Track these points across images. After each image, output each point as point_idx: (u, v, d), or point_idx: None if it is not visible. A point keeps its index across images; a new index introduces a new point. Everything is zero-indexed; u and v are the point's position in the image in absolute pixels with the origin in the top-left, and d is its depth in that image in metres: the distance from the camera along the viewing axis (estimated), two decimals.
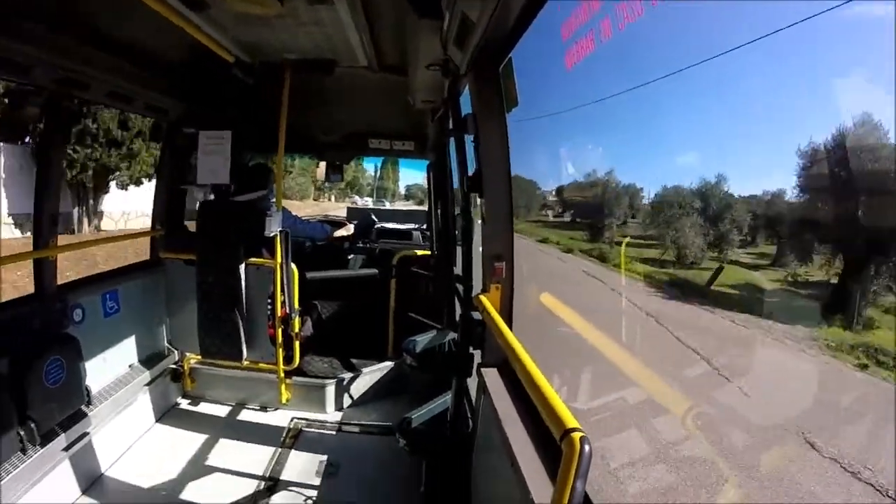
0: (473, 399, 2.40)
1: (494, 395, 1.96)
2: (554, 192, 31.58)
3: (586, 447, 0.99)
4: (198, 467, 3.07)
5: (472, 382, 2.42)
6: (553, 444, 1.61)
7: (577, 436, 1.02)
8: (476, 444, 2.28)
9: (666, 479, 4.91)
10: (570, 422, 1.09)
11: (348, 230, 4.52)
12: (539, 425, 1.73)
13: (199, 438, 3.35)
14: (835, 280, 13.18)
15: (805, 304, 13.23)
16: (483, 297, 2.04)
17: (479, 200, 2.13)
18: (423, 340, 2.85)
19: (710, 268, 18.14)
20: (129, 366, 3.39)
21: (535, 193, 30.64)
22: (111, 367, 3.22)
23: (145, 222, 17.30)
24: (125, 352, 3.37)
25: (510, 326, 2.03)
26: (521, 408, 1.86)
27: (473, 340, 2.20)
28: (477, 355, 2.29)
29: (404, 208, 24.24)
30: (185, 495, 2.81)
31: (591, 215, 25.20)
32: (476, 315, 2.17)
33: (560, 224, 29.50)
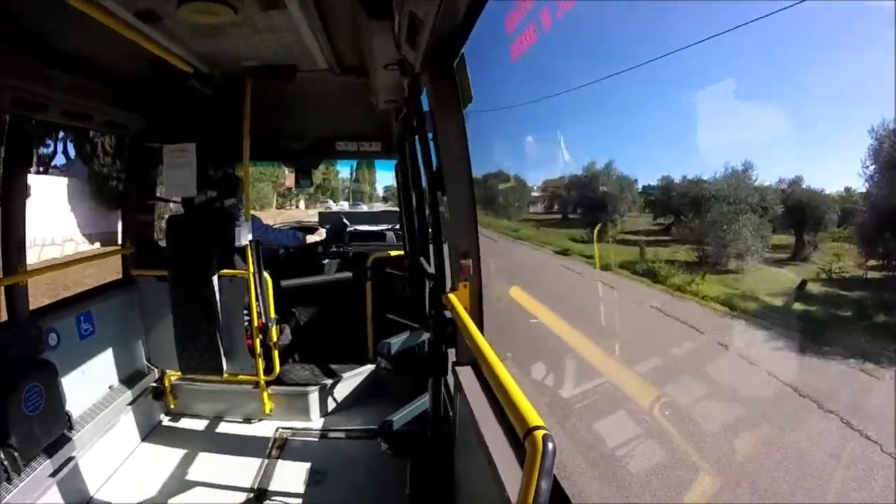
0: (451, 394, 2.40)
1: (469, 394, 1.96)
2: (538, 186, 28.35)
3: (549, 445, 0.98)
4: (186, 484, 3.03)
5: (450, 380, 2.42)
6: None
7: (539, 434, 1.01)
8: (456, 442, 2.28)
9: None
10: (534, 419, 1.08)
11: (321, 235, 4.50)
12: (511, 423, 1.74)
13: (185, 455, 3.31)
14: None
15: None
16: (452, 296, 2.04)
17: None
18: (397, 342, 2.84)
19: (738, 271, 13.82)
20: (110, 387, 3.34)
21: (525, 188, 27.70)
22: (91, 389, 3.17)
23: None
24: (104, 373, 3.32)
25: (480, 324, 2.03)
26: (494, 405, 1.87)
27: (446, 339, 2.20)
28: (452, 353, 2.29)
29: (379, 209, 22.98)
30: None
31: (591, 210, 21.53)
32: (447, 314, 2.17)
33: (553, 222, 24.61)
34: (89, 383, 3.16)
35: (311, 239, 4.38)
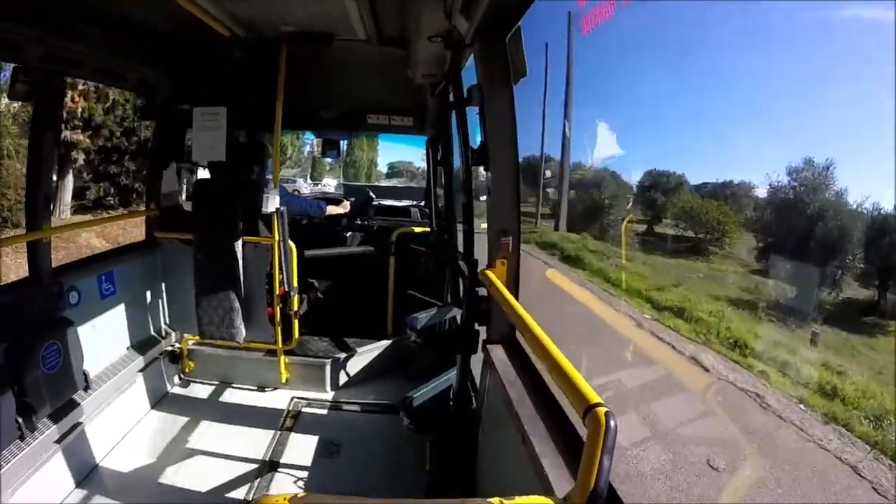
0: (478, 376, 2.39)
1: (502, 372, 1.96)
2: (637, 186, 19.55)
3: (612, 422, 0.98)
4: (197, 452, 3.03)
5: (475, 360, 2.41)
6: (566, 421, 1.61)
7: (601, 411, 1.00)
8: (482, 421, 2.28)
9: None
10: (593, 397, 1.07)
11: (345, 207, 4.47)
12: (550, 401, 1.72)
13: (197, 422, 3.31)
14: None
15: None
16: (489, 272, 2.02)
17: (485, 175, 2.09)
18: (425, 317, 2.83)
19: None
20: (127, 348, 3.35)
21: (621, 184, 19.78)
22: (108, 350, 3.17)
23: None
24: (122, 334, 3.33)
25: (517, 300, 2.01)
26: (529, 384, 1.86)
27: (479, 316, 2.19)
28: (483, 332, 2.27)
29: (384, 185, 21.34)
30: (184, 482, 2.78)
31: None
32: (481, 291, 2.15)
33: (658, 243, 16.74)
34: (108, 343, 3.16)
35: (334, 210, 4.35)
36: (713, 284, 12.98)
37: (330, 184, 35.25)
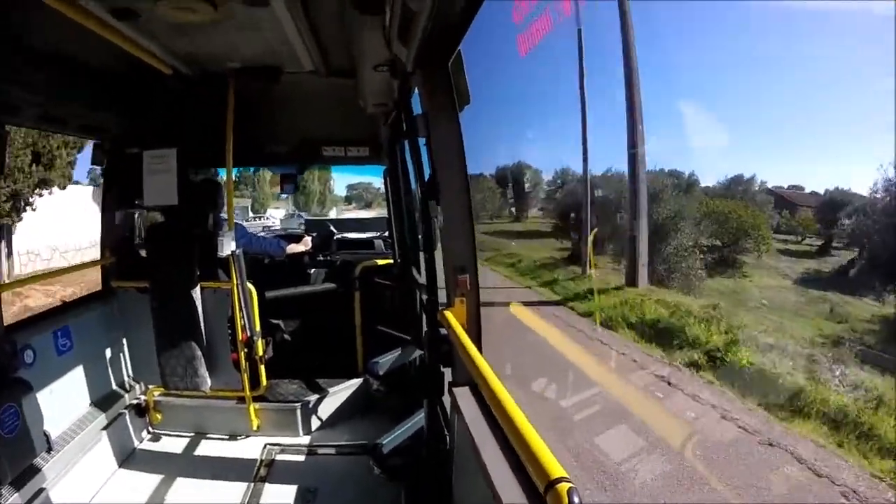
0: (448, 415, 2.28)
1: (468, 418, 1.84)
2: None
3: (575, 499, 0.88)
4: None
5: (447, 400, 2.29)
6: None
7: (563, 488, 0.92)
8: (454, 466, 2.16)
9: None
10: (555, 470, 0.99)
11: (306, 244, 4.34)
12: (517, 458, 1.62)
13: (168, 477, 3.16)
14: None
15: None
16: (448, 313, 1.91)
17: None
18: (387, 361, 2.72)
19: None
20: (89, 405, 3.20)
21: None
22: (71, 407, 3.03)
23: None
24: (84, 390, 3.18)
25: (479, 342, 1.90)
26: (496, 431, 1.74)
27: (441, 358, 2.07)
28: (448, 373, 2.16)
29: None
30: None
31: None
32: (443, 330, 2.04)
33: None
34: (69, 401, 3.02)
35: (294, 249, 4.20)
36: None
37: (274, 216, 31.00)
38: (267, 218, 29.33)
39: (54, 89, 2.64)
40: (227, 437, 3.58)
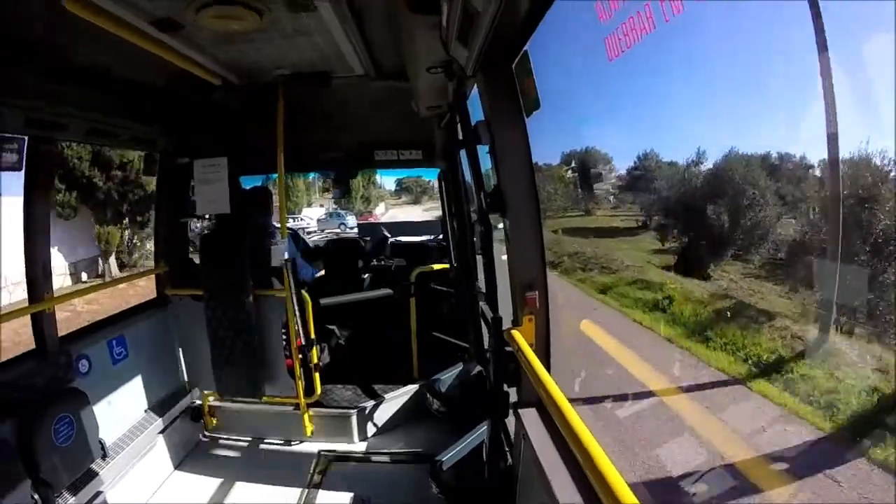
0: (512, 434, 2.16)
1: (535, 441, 1.73)
2: None
3: None
4: None
5: (511, 420, 2.18)
6: None
7: None
8: (518, 489, 2.04)
9: None
10: (627, 497, 0.93)
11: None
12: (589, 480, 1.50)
13: (223, 481, 3.19)
14: None
15: None
16: (515, 333, 1.79)
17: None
18: (447, 378, 2.61)
19: None
20: (145, 411, 3.26)
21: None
22: (125, 415, 3.08)
23: None
24: (138, 397, 3.23)
25: (548, 365, 1.77)
26: (566, 455, 1.63)
27: (507, 378, 1.95)
28: (513, 392, 2.04)
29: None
30: None
31: None
32: (509, 348, 1.92)
33: None
34: (125, 407, 3.08)
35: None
36: None
37: (310, 216, 28.56)
38: (301, 219, 26.97)
39: (98, 104, 2.66)
40: (281, 442, 3.58)
